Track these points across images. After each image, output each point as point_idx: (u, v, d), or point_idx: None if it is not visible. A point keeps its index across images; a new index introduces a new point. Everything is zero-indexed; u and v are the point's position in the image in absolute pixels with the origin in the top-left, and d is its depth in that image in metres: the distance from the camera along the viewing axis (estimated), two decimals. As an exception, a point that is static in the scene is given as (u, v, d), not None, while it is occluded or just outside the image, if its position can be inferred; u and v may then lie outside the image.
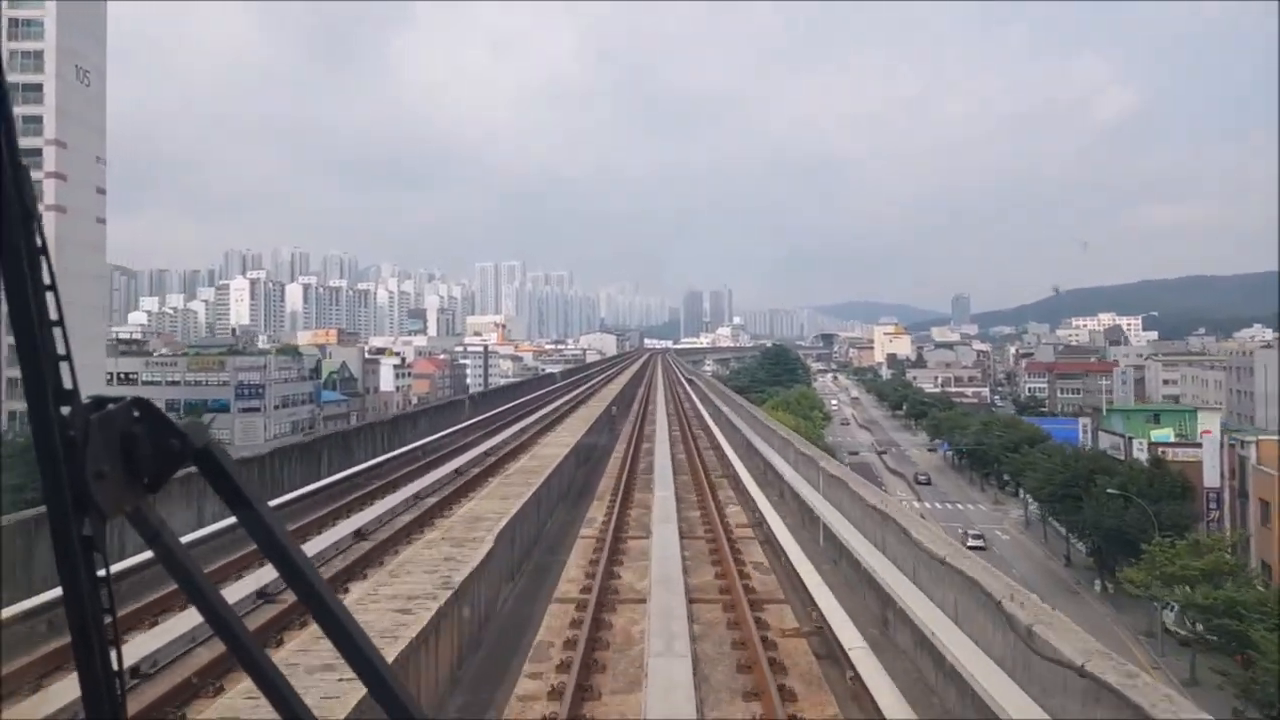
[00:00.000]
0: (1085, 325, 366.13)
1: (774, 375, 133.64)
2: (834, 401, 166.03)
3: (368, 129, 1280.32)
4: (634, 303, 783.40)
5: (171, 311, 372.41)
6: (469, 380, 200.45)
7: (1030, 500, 67.33)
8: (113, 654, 0.93)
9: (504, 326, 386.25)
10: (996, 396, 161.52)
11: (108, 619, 0.95)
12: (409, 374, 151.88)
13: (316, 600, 1.03)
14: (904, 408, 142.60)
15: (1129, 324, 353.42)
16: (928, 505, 78.23)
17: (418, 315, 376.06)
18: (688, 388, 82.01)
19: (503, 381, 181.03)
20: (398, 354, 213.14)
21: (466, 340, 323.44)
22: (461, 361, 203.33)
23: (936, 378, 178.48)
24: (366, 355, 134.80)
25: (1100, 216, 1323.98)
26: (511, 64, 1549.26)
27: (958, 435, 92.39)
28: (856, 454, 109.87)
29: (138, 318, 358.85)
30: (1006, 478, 78.92)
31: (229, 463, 1.03)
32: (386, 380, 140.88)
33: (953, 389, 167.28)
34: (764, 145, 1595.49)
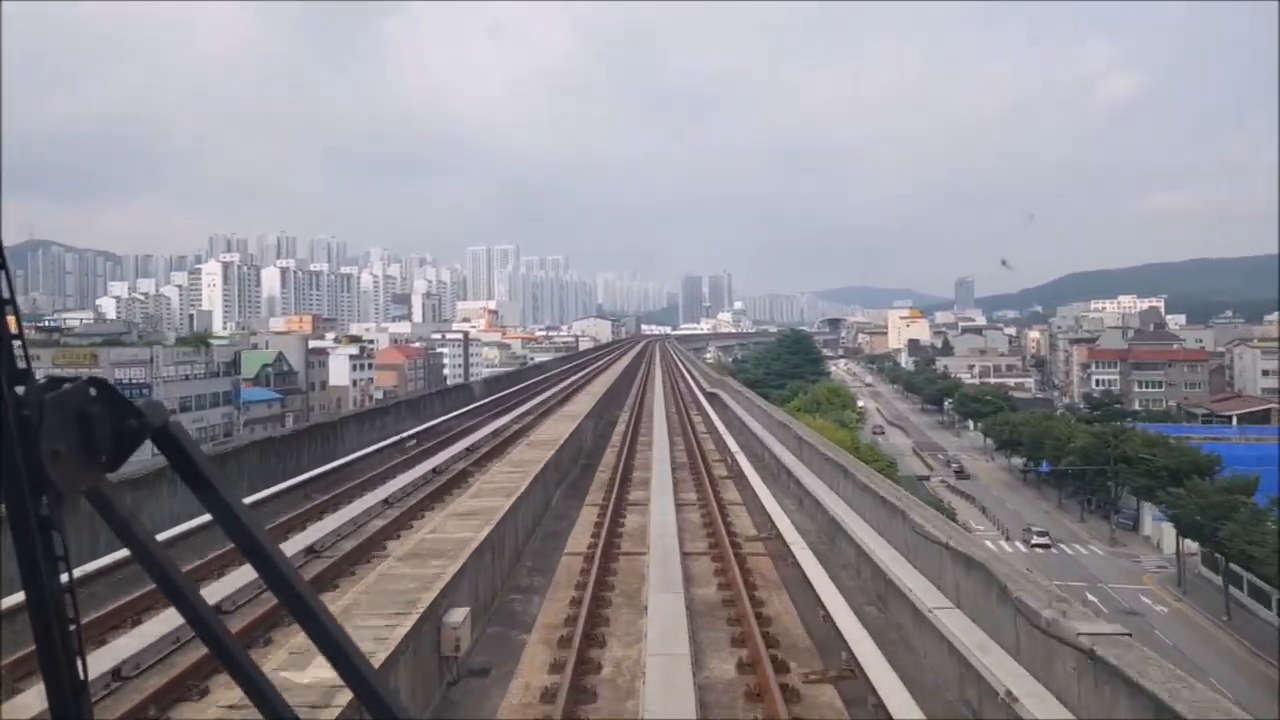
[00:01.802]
0: (1105, 308, 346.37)
1: (792, 366, 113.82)
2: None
3: (363, 117, 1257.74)
4: (631, 288, 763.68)
5: (143, 297, 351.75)
6: (447, 371, 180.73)
7: (1175, 542, 47.30)
8: (73, 630, 0.93)
9: (494, 312, 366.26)
10: (1054, 390, 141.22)
11: (68, 598, 0.93)
12: (369, 365, 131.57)
13: (284, 585, 1.01)
14: (945, 403, 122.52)
15: (1151, 306, 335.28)
16: (1021, 548, 58.24)
17: (402, 300, 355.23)
18: (691, 384, 62.15)
19: (483, 373, 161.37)
20: (369, 342, 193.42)
21: (455, 326, 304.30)
22: (439, 350, 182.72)
23: (972, 366, 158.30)
24: (311, 345, 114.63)
25: (1105, 200, 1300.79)
26: (509, 49, 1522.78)
27: (1049, 447, 71.72)
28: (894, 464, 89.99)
29: (106, 304, 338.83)
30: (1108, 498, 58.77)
31: (189, 442, 1.01)
32: (340, 373, 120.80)
33: (992, 379, 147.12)
34: (763, 130, 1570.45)
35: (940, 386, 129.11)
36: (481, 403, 41.53)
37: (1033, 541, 59.50)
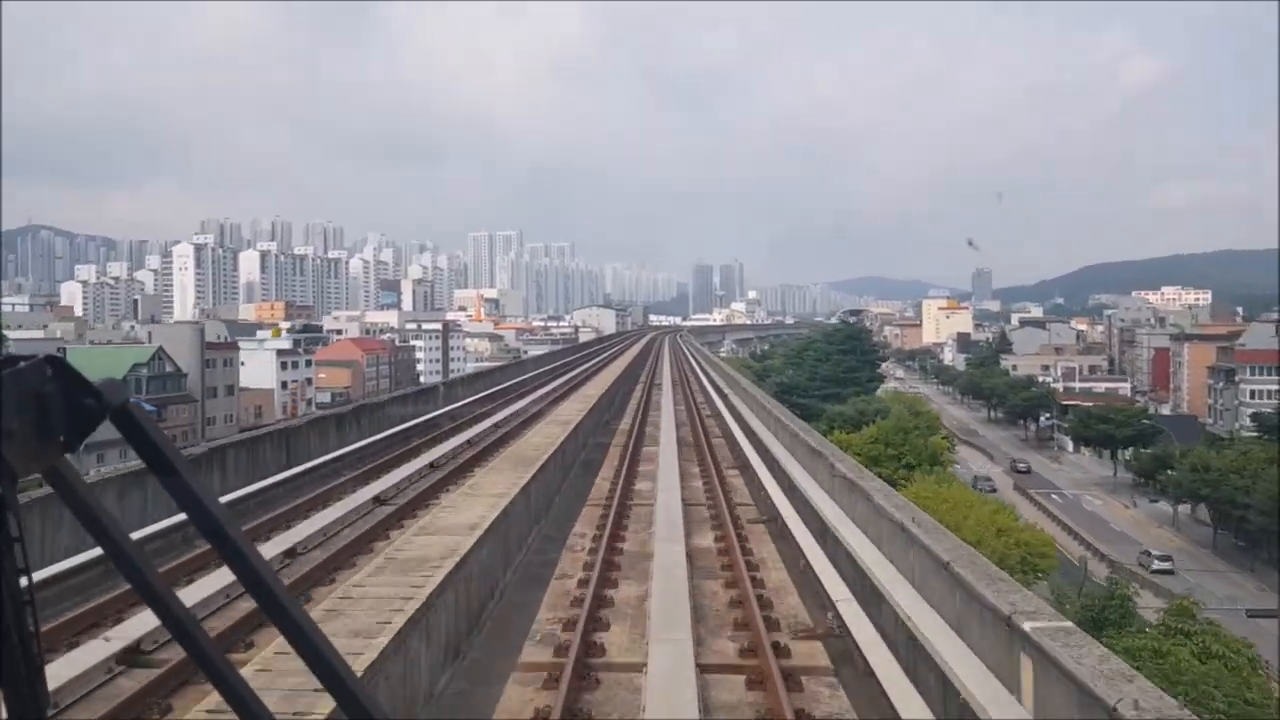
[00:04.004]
0: (1150, 299, 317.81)
1: (847, 370, 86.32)
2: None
3: (369, 103, 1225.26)
4: (640, 278, 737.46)
5: (113, 282, 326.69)
6: (421, 367, 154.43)
7: None
8: (29, 612, 0.90)
9: (493, 301, 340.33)
10: (1140, 398, 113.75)
11: (23, 580, 0.89)
12: (306, 360, 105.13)
13: (251, 574, 0.96)
14: (1043, 419, 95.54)
15: (1198, 298, 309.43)
16: None
17: (391, 287, 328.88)
18: (719, 406, 35.67)
19: (467, 369, 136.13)
20: (335, 332, 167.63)
21: (450, 315, 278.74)
22: (413, 343, 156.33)
23: (1047, 367, 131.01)
24: (209, 339, 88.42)
25: (1124, 189, 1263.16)
26: (516, 33, 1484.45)
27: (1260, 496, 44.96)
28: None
29: (72, 288, 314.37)
30: None
31: (150, 423, 0.96)
32: (263, 373, 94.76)
33: (1077, 382, 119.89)
34: (774, 118, 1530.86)
35: (1027, 396, 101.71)
36: (403, 427, 25.52)
37: (1153, 568, 53.85)
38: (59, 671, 8.04)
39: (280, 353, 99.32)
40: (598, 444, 26.52)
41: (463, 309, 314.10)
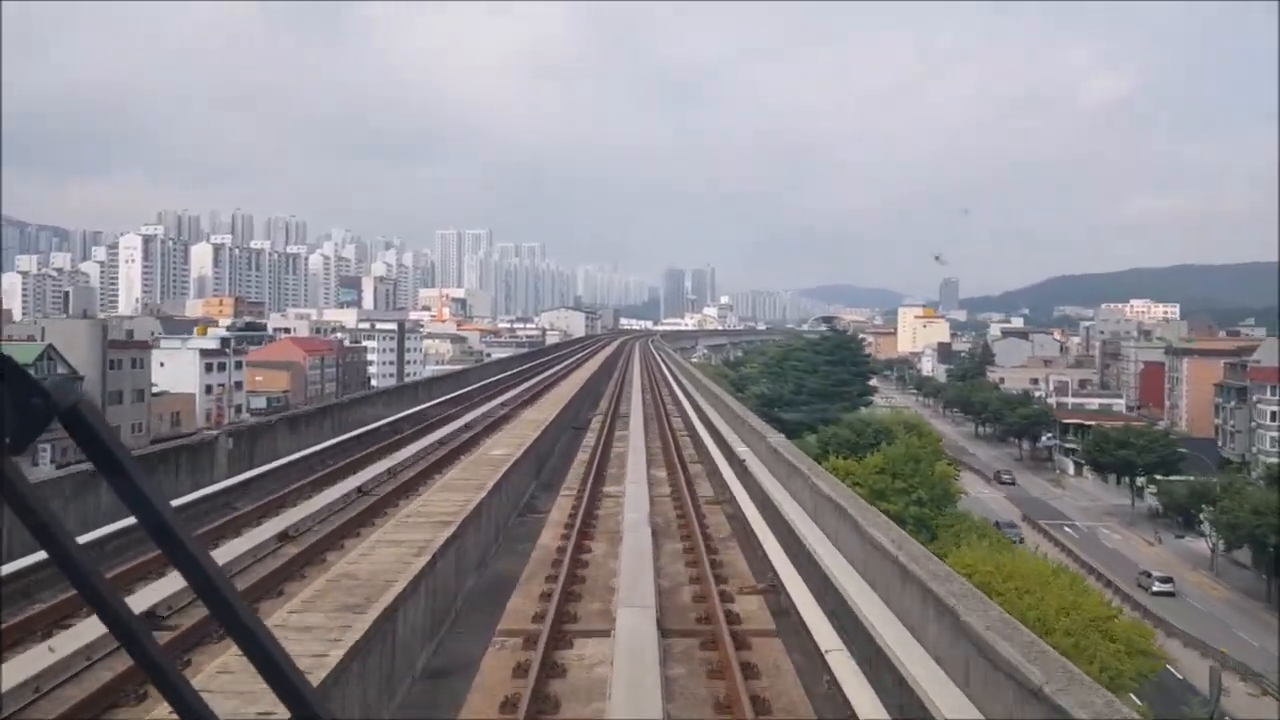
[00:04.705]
0: (1126, 311, 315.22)
1: (836, 383, 77.56)
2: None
3: (344, 99, 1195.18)
4: (612, 280, 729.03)
5: (56, 274, 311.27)
6: (374, 370, 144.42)
7: None
8: None
9: (460, 301, 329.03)
10: (1146, 420, 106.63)
11: None
12: (237, 362, 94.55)
13: (201, 577, 0.94)
14: (1043, 439, 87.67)
15: (1166, 311, 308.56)
16: None
17: (351, 284, 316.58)
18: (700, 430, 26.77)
19: (425, 372, 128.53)
20: (283, 330, 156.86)
21: (413, 315, 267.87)
22: (366, 344, 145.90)
23: (1035, 380, 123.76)
24: (142, 336, 78.19)
25: (1088, 203, 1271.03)
26: (494, 29, 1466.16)
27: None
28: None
29: (12, 280, 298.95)
30: None
31: (101, 424, 0.93)
32: (183, 376, 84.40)
33: (1070, 398, 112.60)
34: (745, 125, 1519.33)
35: (1025, 413, 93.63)
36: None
37: (1153, 589, 52.04)
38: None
39: (204, 353, 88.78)
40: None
41: (427, 308, 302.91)
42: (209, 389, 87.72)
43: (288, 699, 0.95)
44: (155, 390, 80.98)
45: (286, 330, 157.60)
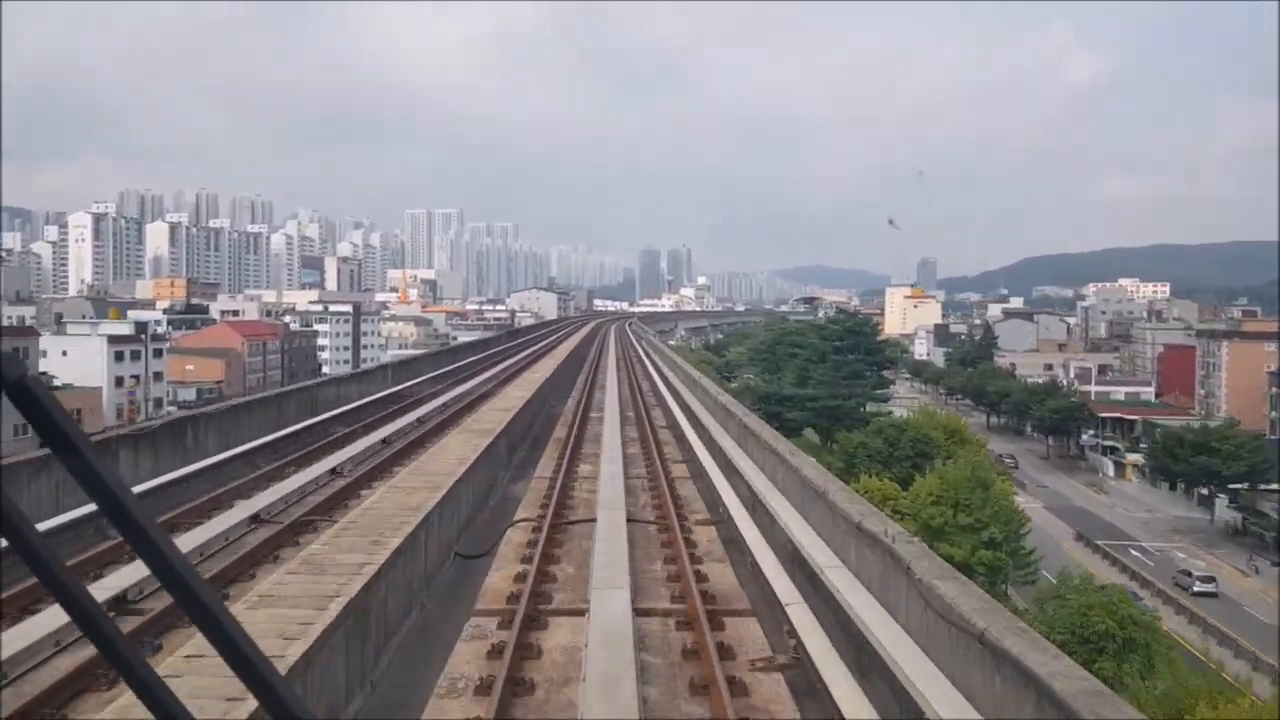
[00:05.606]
0: (1126, 288, 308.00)
1: (850, 374, 66.34)
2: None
3: (313, 80, 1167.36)
4: (587, 261, 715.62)
5: (5, 254, 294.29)
6: (326, 356, 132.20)
7: None
8: None
9: (428, 282, 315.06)
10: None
11: None
12: (157, 350, 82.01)
13: (159, 559, 0.90)
14: (1085, 436, 77.43)
15: (1155, 290, 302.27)
16: None
17: (313, 265, 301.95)
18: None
19: (384, 357, 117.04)
20: (232, 312, 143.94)
21: (379, 296, 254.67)
22: (318, 327, 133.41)
23: (1050, 366, 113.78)
24: (72, 317, 65.27)
25: (1063, 184, 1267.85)
26: (466, 14, 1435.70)
27: None
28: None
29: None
30: None
31: (50, 399, 0.89)
32: (88, 366, 72.20)
33: (1092, 385, 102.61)
34: (718, 106, 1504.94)
35: (1057, 407, 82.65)
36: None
37: (1195, 589, 47.43)
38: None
39: (115, 339, 76.40)
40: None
41: (394, 290, 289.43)
42: (120, 381, 75.56)
43: (261, 694, 0.93)
44: (55, 385, 69.08)
45: (235, 313, 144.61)
